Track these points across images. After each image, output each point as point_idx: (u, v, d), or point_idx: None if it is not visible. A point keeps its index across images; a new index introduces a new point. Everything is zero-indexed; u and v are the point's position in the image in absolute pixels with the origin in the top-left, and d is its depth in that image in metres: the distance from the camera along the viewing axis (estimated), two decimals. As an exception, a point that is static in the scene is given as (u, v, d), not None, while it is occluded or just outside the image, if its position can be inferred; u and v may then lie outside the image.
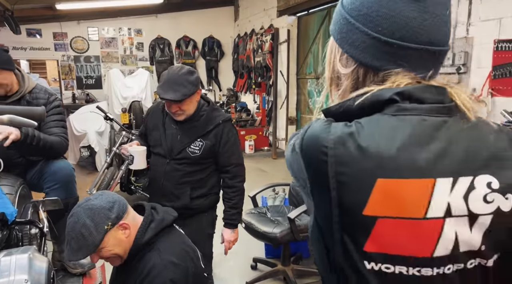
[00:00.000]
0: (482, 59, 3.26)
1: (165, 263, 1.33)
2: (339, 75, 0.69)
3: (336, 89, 0.71)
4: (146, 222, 1.41)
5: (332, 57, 0.70)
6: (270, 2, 6.95)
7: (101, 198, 1.35)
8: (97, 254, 1.34)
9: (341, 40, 0.66)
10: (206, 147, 1.96)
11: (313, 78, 6.23)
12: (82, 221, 1.28)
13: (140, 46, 8.43)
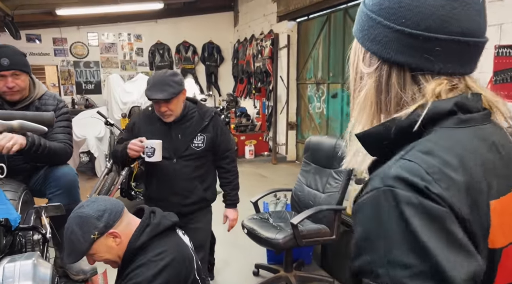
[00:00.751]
0: (483, 64, 3.27)
1: (149, 263, 1.33)
2: (362, 75, 0.64)
3: (358, 91, 0.66)
4: (142, 226, 1.41)
5: (355, 58, 0.66)
6: (270, 7, 6.98)
7: (92, 206, 1.35)
8: (90, 258, 1.38)
9: (363, 38, 0.62)
10: (208, 139, 2.13)
11: (313, 83, 6.24)
12: (71, 228, 1.32)
13: (140, 51, 8.44)
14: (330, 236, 2.53)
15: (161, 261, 1.35)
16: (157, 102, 1.99)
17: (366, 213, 0.53)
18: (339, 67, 5.54)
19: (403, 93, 0.59)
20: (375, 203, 0.52)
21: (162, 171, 2.11)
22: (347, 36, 5.31)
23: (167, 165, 2.08)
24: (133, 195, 4.23)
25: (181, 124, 2.10)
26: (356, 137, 0.62)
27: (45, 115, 1.57)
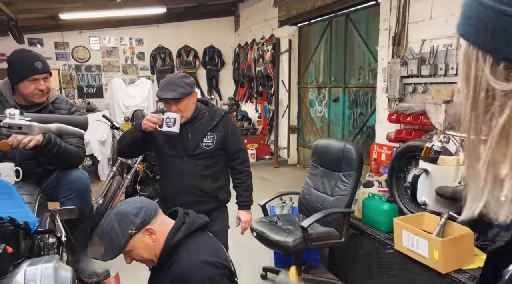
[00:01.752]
0: None
1: (197, 263, 1.37)
2: (494, 94, 0.48)
3: (488, 115, 0.50)
4: (177, 224, 1.47)
5: (472, 70, 0.51)
6: (271, 12, 7.02)
7: (130, 204, 1.44)
8: (128, 256, 1.43)
9: (494, 44, 0.47)
10: (218, 139, 2.14)
11: (314, 87, 6.27)
12: (111, 225, 1.39)
13: (141, 55, 8.47)
14: (339, 239, 2.55)
15: (205, 256, 1.40)
16: (167, 102, 2.03)
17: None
18: (340, 72, 5.58)
19: None
20: None
21: (173, 170, 2.14)
22: (348, 40, 5.36)
23: (178, 164, 2.11)
24: (138, 199, 4.23)
25: (191, 124, 2.12)
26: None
27: (79, 118, 1.59)
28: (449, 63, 3.52)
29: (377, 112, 4.54)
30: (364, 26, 5.04)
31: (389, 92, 4.15)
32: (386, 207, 2.59)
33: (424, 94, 3.80)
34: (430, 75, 3.68)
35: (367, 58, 4.99)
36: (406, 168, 2.82)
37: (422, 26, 3.86)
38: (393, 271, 2.41)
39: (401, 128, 3.97)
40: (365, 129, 5.15)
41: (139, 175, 4.13)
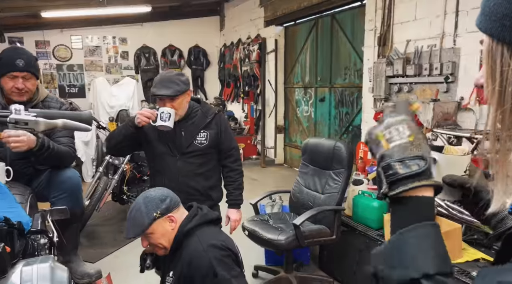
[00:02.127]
0: (469, 68, 3.40)
1: (204, 247, 1.48)
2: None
3: None
4: (191, 214, 1.59)
5: (498, 65, 0.51)
6: (257, 12, 7.04)
7: (157, 191, 1.57)
8: (146, 239, 1.53)
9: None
10: (211, 136, 2.14)
11: (300, 87, 6.32)
12: (138, 206, 1.51)
13: (125, 54, 8.35)
14: (331, 236, 2.57)
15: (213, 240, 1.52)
16: (161, 98, 2.01)
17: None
18: (326, 72, 5.64)
19: None
20: None
21: (165, 169, 2.12)
22: (334, 40, 5.42)
23: (170, 162, 2.09)
24: (125, 200, 4.18)
25: (184, 122, 2.11)
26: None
27: (83, 114, 1.57)
28: (433, 63, 3.61)
29: (363, 111, 4.61)
30: (350, 26, 5.11)
31: (375, 92, 4.23)
32: (376, 204, 2.63)
33: (409, 93, 3.88)
34: (415, 75, 3.76)
35: (353, 58, 5.06)
36: (395, 165, 2.87)
37: (406, 27, 3.94)
38: (383, 267, 2.45)
39: (387, 127, 4.04)
40: (351, 128, 5.22)
41: (126, 175, 4.07)
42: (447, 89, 3.51)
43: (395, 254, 0.55)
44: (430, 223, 0.56)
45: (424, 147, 0.60)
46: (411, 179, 0.57)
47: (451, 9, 3.50)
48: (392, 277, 0.54)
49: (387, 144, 0.61)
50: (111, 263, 3.16)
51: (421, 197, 0.58)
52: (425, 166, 0.57)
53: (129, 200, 4.18)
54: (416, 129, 0.61)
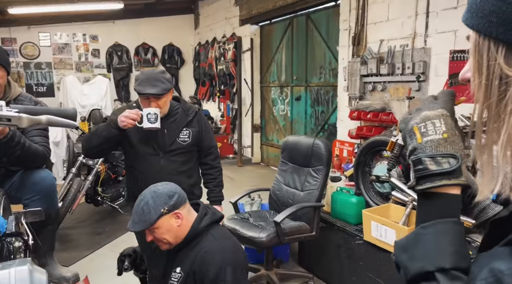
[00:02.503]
0: (440, 68, 3.53)
1: (221, 248, 1.51)
2: (508, 81, 0.51)
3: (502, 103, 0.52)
4: (202, 213, 1.62)
5: (484, 60, 0.53)
6: (232, 11, 7.02)
7: (166, 186, 1.57)
8: (150, 234, 1.53)
9: (509, 34, 0.50)
10: (193, 134, 2.15)
11: (276, 86, 6.36)
12: (146, 200, 1.51)
13: (96, 52, 8.13)
14: (310, 232, 2.60)
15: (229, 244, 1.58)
16: (147, 97, 1.98)
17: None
18: (302, 71, 5.69)
19: None
20: None
21: (148, 168, 2.08)
22: (309, 40, 5.48)
23: (153, 161, 2.07)
24: (100, 201, 4.07)
25: (166, 120, 2.09)
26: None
27: (68, 110, 1.50)
28: (405, 62, 3.72)
29: (338, 110, 4.69)
30: (325, 26, 5.18)
31: (349, 91, 4.31)
32: (354, 200, 2.68)
33: (383, 92, 3.98)
34: (388, 74, 3.86)
35: (328, 57, 5.14)
36: (371, 162, 2.95)
37: (380, 27, 4.03)
38: (362, 261, 2.51)
39: (362, 125, 4.13)
40: (326, 126, 5.30)
41: (101, 176, 3.97)
42: (419, 87, 3.62)
43: (415, 246, 0.57)
44: (452, 220, 0.57)
45: (458, 145, 0.60)
46: (440, 177, 0.58)
47: (422, 10, 3.61)
48: (411, 267, 0.56)
49: (420, 138, 0.61)
50: (87, 266, 3.07)
51: (448, 194, 0.59)
52: (456, 165, 0.58)
53: (104, 201, 4.08)
54: (452, 126, 0.61)
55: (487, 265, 0.49)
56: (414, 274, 0.56)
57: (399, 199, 2.41)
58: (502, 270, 0.47)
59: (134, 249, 2.12)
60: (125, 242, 3.54)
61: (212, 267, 1.45)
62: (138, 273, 2.25)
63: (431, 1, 3.52)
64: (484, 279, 0.48)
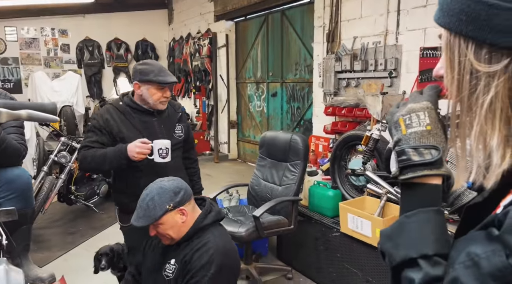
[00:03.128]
0: (410, 64, 3.64)
1: (217, 246, 1.52)
2: (478, 76, 0.54)
3: (474, 95, 0.55)
4: (207, 210, 1.62)
5: (456, 56, 0.56)
6: (206, 6, 6.97)
7: (172, 183, 1.57)
8: (154, 228, 1.54)
9: (477, 31, 0.53)
10: (185, 129, 2.25)
11: (252, 83, 6.37)
12: (152, 195, 1.51)
13: (66, 47, 7.88)
14: (289, 226, 2.65)
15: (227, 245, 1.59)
16: (163, 87, 2.04)
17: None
18: (278, 67, 5.74)
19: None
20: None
21: (145, 165, 2.02)
22: (284, 36, 5.53)
23: (150, 159, 2.01)
24: (73, 200, 3.97)
25: (160, 116, 2.16)
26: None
27: (47, 104, 1.45)
28: (378, 59, 3.81)
29: (313, 106, 4.76)
30: (300, 23, 5.24)
31: (324, 87, 4.38)
32: (331, 194, 2.75)
33: (357, 88, 4.07)
34: (361, 70, 3.95)
35: (303, 54, 5.20)
36: (347, 156, 3.02)
37: (353, 24, 4.12)
38: (339, 253, 2.58)
39: (337, 121, 4.20)
40: (302, 122, 5.37)
41: (74, 174, 3.87)
42: (391, 83, 3.73)
43: (399, 234, 0.60)
44: (433, 209, 0.60)
45: (441, 137, 0.62)
46: (422, 167, 0.61)
47: (393, 8, 3.72)
48: (396, 255, 0.59)
49: (405, 129, 0.63)
50: (61, 267, 3.00)
51: (430, 184, 0.62)
52: (438, 156, 0.60)
53: (78, 200, 3.98)
54: (436, 119, 0.63)
55: (464, 249, 0.52)
56: (399, 261, 0.59)
57: (374, 191, 2.50)
58: (478, 253, 0.50)
59: (111, 248, 2.08)
60: (100, 240, 3.48)
61: (203, 259, 1.48)
62: (115, 272, 2.22)
63: (402, 0, 3.62)
64: (462, 262, 0.51)
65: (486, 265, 0.48)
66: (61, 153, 3.68)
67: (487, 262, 0.48)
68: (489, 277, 0.48)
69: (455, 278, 0.51)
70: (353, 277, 2.49)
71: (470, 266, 0.50)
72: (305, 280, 2.88)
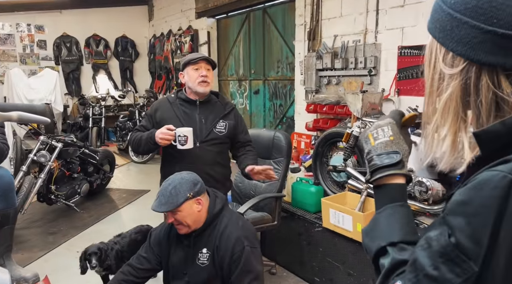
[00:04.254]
0: (389, 63, 3.73)
1: (236, 224, 1.76)
2: (443, 76, 0.63)
3: (438, 92, 0.64)
4: (212, 197, 1.81)
5: (432, 57, 0.65)
6: (187, 3, 6.92)
7: (191, 175, 1.75)
8: (172, 216, 1.69)
9: (444, 38, 0.62)
10: (230, 126, 2.26)
11: (235, 80, 6.38)
12: (174, 184, 1.68)
13: (43, 44, 7.68)
14: (272, 222, 2.69)
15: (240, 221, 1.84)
16: (197, 68, 2.14)
17: None
18: (260, 64, 5.77)
19: (502, 92, 0.58)
20: None
21: (184, 157, 2.14)
22: (266, 34, 5.56)
23: (190, 150, 2.10)
24: (53, 200, 3.90)
25: (205, 108, 2.22)
26: (474, 135, 0.60)
27: (37, 106, 1.44)
28: (358, 57, 3.89)
29: (295, 103, 4.82)
30: (281, 20, 5.28)
31: (306, 84, 4.44)
32: (313, 190, 2.80)
33: (338, 85, 4.15)
34: (342, 68, 4.02)
35: (285, 52, 5.25)
36: (328, 153, 3.08)
37: (334, 23, 4.18)
38: (322, 247, 2.64)
39: (318, 118, 4.27)
40: (284, 119, 5.42)
41: (54, 173, 3.81)
42: (370, 81, 3.82)
43: (373, 229, 0.71)
44: (399, 204, 0.71)
45: (402, 145, 0.74)
46: (387, 168, 0.72)
47: (372, 7, 3.80)
48: (371, 247, 0.69)
49: (373, 141, 0.75)
50: (42, 267, 2.95)
51: (395, 183, 0.72)
52: (398, 159, 0.72)
53: (58, 199, 3.92)
54: (398, 131, 0.75)
55: (424, 235, 0.61)
56: (374, 251, 0.68)
57: (355, 187, 2.56)
58: (431, 236, 0.57)
59: (99, 247, 2.09)
60: (82, 240, 3.45)
61: (232, 239, 1.69)
62: (100, 270, 2.22)
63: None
64: (421, 245, 0.59)
65: (436, 244, 0.56)
66: (41, 152, 3.61)
67: (437, 242, 0.56)
68: (438, 255, 0.55)
69: (414, 259, 0.58)
70: (335, 270, 2.56)
71: (426, 248, 0.57)
72: (288, 275, 2.93)
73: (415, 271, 0.57)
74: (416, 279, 0.56)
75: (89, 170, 4.44)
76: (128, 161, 6.51)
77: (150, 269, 1.89)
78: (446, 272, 0.54)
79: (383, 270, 0.64)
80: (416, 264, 0.57)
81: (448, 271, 0.54)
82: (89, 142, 6.16)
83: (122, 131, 6.72)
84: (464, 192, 0.55)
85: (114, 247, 2.17)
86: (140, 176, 5.73)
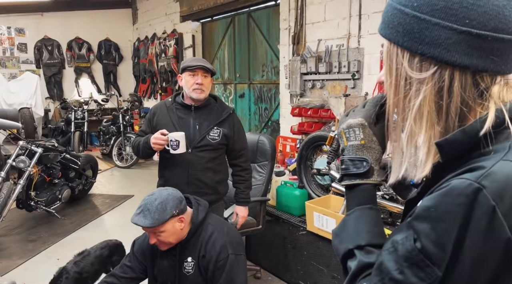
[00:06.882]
0: (372, 67, 3.78)
1: (221, 231, 1.75)
2: (411, 81, 0.60)
3: (407, 99, 0.62)
4: (196, 206, 1.79)
5: (394, 64, 0.62)
6: (172, 7, 6.89)
7: (176, 192, 1.72)
8: (155, 236, 1.64)
9: (410, 42, 0.59)
10: (223, 134, 2.22)
11: (220, 84, 6.37)
12: (161, 199, 1.63)
13: (23, 47, 7.53)
14: (257, 226, 2.68)
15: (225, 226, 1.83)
16: (194, 74, 2.11)
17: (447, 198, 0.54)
18: (245, 68, 5.77)
19: (467, 96, 0.58)
20: None
21: (177, 161, 2.14)
22: (251, 38, 5.57)
23: (181, 155, 2.10)
24: (33, 206, 3.80)
25: (201, 114, 2.19)
26: (436, 145, 0.59)
27: (8, 110, 1.39)
28: (341, 61, 3.93)
29: (280, 107, 4.83)
30: (266, 25, 5.29)
31: (291, 88, 4.46)
32: (297, 193, 2.81)
33: (322, 89, 4.17)
34: (326, 72, 4.05)
35: (270, 55, 5.26)
36: (312, 156, 3.09)
37: (318, 27, 4.22)
38: (306, 251, 2.64)
39: (303, 121, 4.29)
40: (270, 123, 5.43)
41: (34, 179, 3.72)
42: (354, 85, 3.85)
43: (342, 231, 0.71)
44: (368, 207, 0.71)
45: (374, 148, 0.72)
46: (355, 177, 0.72)
47: (355, 12, 3.84)
48: (340, 249, 0.69)
49: (346, 141, 0.74)
50: (21, 276, 2.88)
51: (364, 186, 0.72)
52: (365, 169, 0.71)
53: (38, 206, 3.82)
54: (370, 135, 0.72)
55: (390, 238, 0.61)
56: (342, 254, 0.68)
57: (338, 190, 2.57)
58: (397, 240, 0.58)
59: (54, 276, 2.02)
60: (63, 247, 3.38)
61: (217, 246, 1.68)
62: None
63: (363, 4, 3.75)
64: (387, 249, 0.59)
65: (401, 249, 0.56)
66: (20, 157, 3.52)
67: (402, 246, 0.56)
68: (403, 259, 0.55)
69: (380, 263, 0.59)
70: (320, 273, 2.56)
71: (392, 252, 0.58)
72: (273, 279, 2.92)
73: (381, 274, 0.58)
74: (382, 282, 0.57)
75: (70, 176, 4.35)
76: (111, 165, 6.41)
77: (135, 277, 1.86)
78: (411, 276, 0.54)
79: (350, 272, 0.65)
80: (381, 267, 0.58)
81: (412, 275, 0.54)
82: (71, 147, 6.05)
83: (105, 135, 6.61)
84: (432, 198, 0.55)
85: (70, 271, 2.02)
86: (124, 181, 5.64)
